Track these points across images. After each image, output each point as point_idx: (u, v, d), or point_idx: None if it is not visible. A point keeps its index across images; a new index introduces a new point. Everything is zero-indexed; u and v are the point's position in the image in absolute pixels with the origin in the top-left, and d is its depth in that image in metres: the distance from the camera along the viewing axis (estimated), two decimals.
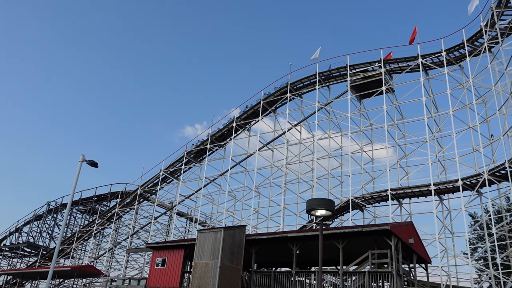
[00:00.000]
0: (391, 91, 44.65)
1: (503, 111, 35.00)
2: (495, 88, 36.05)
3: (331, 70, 46.68)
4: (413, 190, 39.42)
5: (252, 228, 47.43)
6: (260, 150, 49.00)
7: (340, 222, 45.20)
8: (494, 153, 37.64)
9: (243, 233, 26.66)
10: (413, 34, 41.95)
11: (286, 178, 46.08)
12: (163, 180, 56.24)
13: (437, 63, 41.86)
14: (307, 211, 12.23)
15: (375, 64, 44.15)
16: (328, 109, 47.63)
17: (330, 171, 47.23)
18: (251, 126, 52.60)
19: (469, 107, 39.69)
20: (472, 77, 38.42)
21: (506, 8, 34.91)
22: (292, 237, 25.02)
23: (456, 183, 36.23)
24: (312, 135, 48.73)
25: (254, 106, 50.69)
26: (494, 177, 34.44)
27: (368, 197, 41.62)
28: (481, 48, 38.58)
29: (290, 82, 48.22)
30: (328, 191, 46.94)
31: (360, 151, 46.86)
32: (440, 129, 42.98)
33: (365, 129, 47.09)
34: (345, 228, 24.11)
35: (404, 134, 45.41)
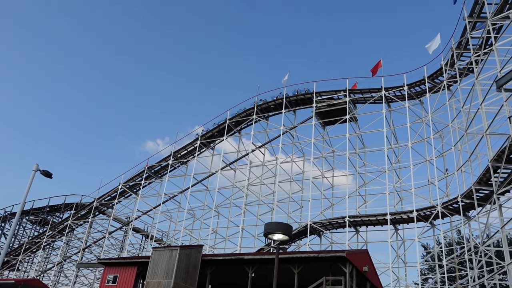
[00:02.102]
0: (354, 120, 45.82)
1: (458, 147, 36.52)
2: (452, 125, 37.66)
3: (297, 95, 47.48)
4: (370, 218, 40.17)
5: (209, 248, 46.83)
6: (222, 170, 48.81)
7: (298, 246, 45.32)
8: (448, 187, 39.04)
9: (199, 253, 26.24)
10: (376, 66, 43.34)
11: (246, 199, 45.98)
12: (121, 194, 54.88)
13: (399, 97, 43.39)
14: (264, 234, 12.21)
15: (340, 93, 45.30)
16: (292, 133, 48.24)
17: (290, 195, 47.55)
18: (215, 145, 52.47)
19: (427, 141, 41.19)
20: (431, 112, 40.05)
21: (465, 50, 36.77)
22: (249, 259, 24.82)
23: (411, 213, 37.22)
24: (275, 158, 49.07)
25: (220, 125, 50.68)
26: (447, 210, 35.62)
27: (326, 223, 42.04)
28: (441, 85, 40.36)
29: (257, 104, 48.65)
30: (288, 215, 47.14)
31: (321, 177, 47.51)
32: (399, 160, 44.29)
33: (327, 155, 47.88)
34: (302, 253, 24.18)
35: (365, 163, 46.51)
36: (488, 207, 31.03)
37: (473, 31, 34.63)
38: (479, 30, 34.54)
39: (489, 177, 28.95)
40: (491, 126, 29.44)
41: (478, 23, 34.32)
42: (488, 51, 31.86)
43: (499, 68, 28.46)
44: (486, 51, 32.37)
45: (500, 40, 31.53)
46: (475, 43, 35.36)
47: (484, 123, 30.24)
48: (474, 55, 34.02)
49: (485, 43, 33.30)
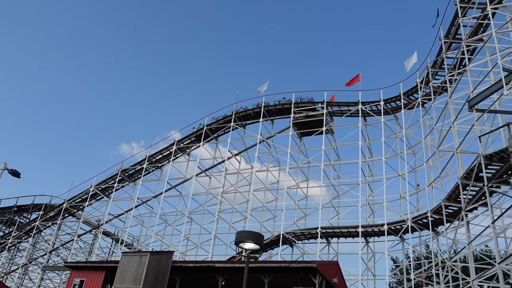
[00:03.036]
0: (331, 132, 46.36)
1: (430, 163, 37.34)
2: (424, 141, 38.51)
3: (276, 105, 47.77)
4: (342, 230, 40.53)
5: (180, 255, 46.31)
6: (197, 176, 48.53)
7: (269, 255, 45.30)
8: (419, 202, 39.83)
9: (170, 259, 25.94)
10: (354, 80, 43.99)
11: (220, 207, 45.80)
12: (93, 197, 53.87)
13: (375, 111, 44.15)
14: (235, 243, 12.18)
15: (318, 105, 45.79)
16: (269, 142, 48.42)
17: (264, 204, 47.57)
18: (191, 151, 52.18)
19: (400, 156, 41.98)
20: (405, 128, 40.90)
21: (440, 69, 37.79)
22: (220, 267, 24.68)
23: (382, 227, 37.75)
24: (251, 166, 49.10)
25: (197, 131, 50.47)
26: (417, 225, 36.28)
27: (299, 233, 42.21)
28: (415, 102, 41.30)
29: (235, 112, 48.69)
30: (261, 224, 47.11)
31: (296, 187, 47.75)
32: (372, 174, 44.93)
33: (303, 166, 48.23)
34: (273, 262, 24.20)
35: (339, 175, 47.01)
36: (456, 223, 31.74)
37: (449, 52, 35.66)
38: (454, 51, 35.60)
39: (458, 194, 29.67)
40: (462, 144, 30.23)
41: (453, 44, 35.38)
42: (462, 72, 32.80)
43: (471, 88, 29.32)
44: (460, 71, 33.34)
45: (473, 62, 32.52)
46: (450, 63, 36.43)
47: (455, 141, 31.04)
48: (449, 74, 35.00)
49: (459, 64, 34.32)
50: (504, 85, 23.85)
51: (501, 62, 25.15)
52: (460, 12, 32.45)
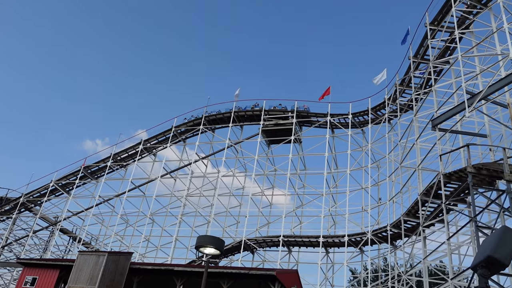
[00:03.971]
0: (299, 141, 46.83)
1: (392, 178, 38.25)
2: (388, 156, 39.46)
3: (246, 111, 47.90)
4: (303, 239, 40.87)
5: (140, 256, 45.50)
6: (162, 177, 47.93)
7: (230, 261, 45.14)
8: (379, 216, 40.69)
9: (128, 260, 25.42)
10: (325, 92, 44.74)
11: (184, 210, 45.34)
12: (52, 192, 52.26)
13: (343, 124, 44.95)
14: (196, 247, 12.09)
15: (288, 113, 46.20)
16: (237, 148, 48.43)
17: (228, 209, 47.45)
18: (157, 151, 51.53)
19: (364, 169, 42.81)
20: (371, 142, 41.81)
21: (407, 88, 38.91)
22: (178, 271, 24.38)
23: (342, 238, 38.33)
24: (217, 171, 48.96)
25: (165, 132, 49.92)
26: (376, 238, 37.03)
27: (260, 240, 42.28)
28: (382, 118, 42.31)
29: (205, 115, 48.48)
30: (224, 229, 46.95)
31: (261, 194, 47.89)
32: (337, 185, 45.61)
33: (269, 173, 48.45)
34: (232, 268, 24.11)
35: (304, 185, 47.47)
36: (414, 238, 32.60)
37: (416, 71, 36.79)
38: (421, 71, 36.75)
39: (417, 210, 30.49)
40: (424, 161, 31.16)
41: (421, 64, 36.51)
42: (428, 91, 33.90)
43: (435, 108, 30.30)
44: (426, 91, 34.42)
45: (439, 83, 33.71)
46: (417, 82, 37.56)
47: (417, 158, 31.97)
48: (415, 93, 36.06)
49: (426, 84, 35.42)
50: (466, 107, 24.76)
51: (465, 85, 26.11)
52: (430, 34, 33.55)
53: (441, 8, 32.63)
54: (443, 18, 33.00)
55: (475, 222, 20.04)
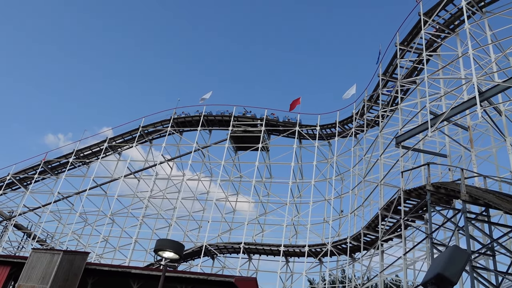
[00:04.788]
0: (266, 150, 47.08)
1: (355, 192, 38.96)
2: (353, 170, 40.19)
3: (216, 116, 47.77)
4: (264, 247, 40.95)
5: (96, 257, 44.35)
6: (125, 177, 47.04)
7: (189, 266, 44.65)
8: (340, 228, 41.33)
9: (84, 260, 24.72)
10: (296, 102, 45.23)
11: (145, 211, 44.61)
12: (8, 186, 50.33)
13: (311, 135, 45.53)
14: (154, 250, 11.92)
15: (257, 121, 46.40)
16: (204, 152, 48.18)
17: (191, 213, 47.00)
18: (122, 150, 50.58)
19: (328, 181, 43.43)
20: (336, 155, 42.52)
21: (375, 104, 39.86)
22: (136, 273, 23.88)
23: (303, 248, 38.66)
24: (183, 174, 48.49)
25: (132, 131, 49.12)
26: (336, 249, 37.54)
27: (222, 247, 42.07)
28: (349, 132, 43.13)
29: (173, 117, 48.04)
30: (185, 233, 46.44)
31: (225, 200, 47.72)
32: (301, 195, 46.06)
33: (235, 179, 48.39)
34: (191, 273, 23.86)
35: (269, 193, 47.69)
36: (372, 252, 33.26)
37: (385, 88, 37.75)
38: (389, 89, 37.74)
39: (377, 224, 31.14)
40: (386, 177, 31.93)
41: (389, 82, 37.51)
42: (394, 109, 34.85)
43: (400, 126, 31.18)
44: (392, 108, 35.37)
45: (405, 101, 34.74)
46: (384, 100, 38.54)
47: (380, 173, 32.73)
48: (382, 110, 36.98)
49: (393, 101, 36.39)
50: (429, 127, 25.60)
51: (429, 106, 27.00)
52: (399, 54, 34.55)
53: (411, 29, 33.70)
54: (412, 39, 34.08)
55: (431, 239, 20.63)
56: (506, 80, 23.48)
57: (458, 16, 30.95)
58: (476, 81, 23.71)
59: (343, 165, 43.78)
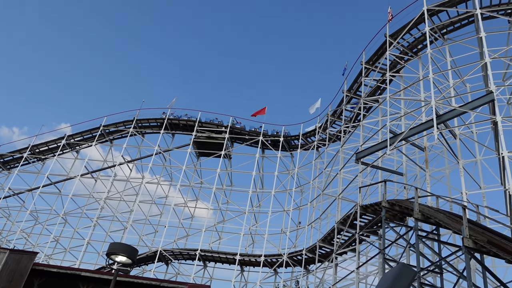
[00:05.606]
0: (228, 157, 47.01)
1: (314, 204, 39.48)
2: (313, 183, 40.74)
3: (180, 120, 47.32)
4: (220, 255, 40.71)
5: (45, 257, 42.71)
6: (82, 176, 45.71)
7: (142, 271, 43.71)
8: (297, 239, 41.64)
9: (31, 260, 23.71)
10: (260, 111, 45.47)
11: (101, 213, 43.40)
12: None
13: (274, 146, 45.85)
14: (107, 254, 11.60)
15: (222, 128, 46.31)
16: (166, 155, 47.56)
17: (148, 217, 46.17)
18: (81, 149, 49.16)
19: (288, 192, 43.80)
20: (298, 167, 42.99)
21: (338, 119, 40.65)
22: (85, 276, 23.14)
23: (259, 258, 38.70)
24: (142, 176, 47.62)
25: (92, 129, 47.87)
26: (292, 260, 37.81)
27: (177, 253, 41.48)
28: (312, 145, 43.76)
29: (137, 118, 47.19)
30: (140, 237, 45.53)
31: (184, 205, 47.18)
32: (260, 205, 46.18)
33: (195, 185, 47.98)
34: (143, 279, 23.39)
35: (228, 201, 47.55)
36: (326, 264, 33.70)
37: (348, 105, 38.59)
38: (353, 105, 38.63)
39: (333, 237, 31.63)
40: (344, 191, 32.54)
41: (353, 98, 38.40)
42: (356, 125, 35.65)
43: (361, 142, 31.91)
44: (355, 124, 36.19)
45: (367, 119, 35.60)
46: (347, 116, 39.37)
47: (339, 188, 33.32)
48: (344, 125, 37.74)
49: (355, 118, 37.26)
50: (388, 145, 26.36)
51: (389, 125, 27.83)
52: (364, 72, 35.49)
53: (377, 49, 34.73)
54: (378, 59, 35.11)
55: (383, 255, 21.14)
56: (462, 106, 24.56)
57: (421, 41, 32.17)
58: (435, 104, 24.66)
59: (303, 177, 44.34)
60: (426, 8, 29.73)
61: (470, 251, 14.47)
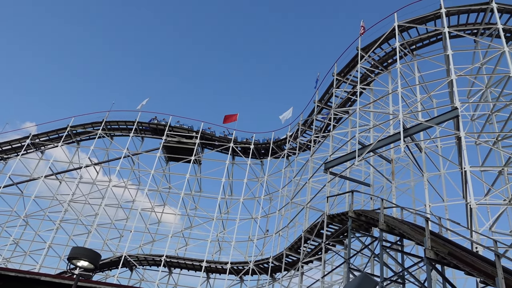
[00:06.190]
0: (198, 163, 46.70)
1: (282, 212, 39.64)
2: (281, 191, 40.95)
3: (151, 124, 46.72)
4: (186, 262, 40.24)
5: (3, 260, 41.15)
6: (46, 177, 44.40)
7: (105, 277, 42.69)
8: (264, 247, 41.67)
9: None
10: (231, 117, 45.43)
11: (64, 216, 42.22)
12: None
13: (244, 153, 45.88)
14: (68, 258, 11.29)
15: (193, 133, 45.98)
16: (134, 159, 46.80)
17: (113, 221, 45.23)
18: (46, 149, 47.79)
19: (257, 200, 43.85)
20: (267, 175, 43.16)
21: (308, 129, 41.09)
22: (45, 281, 22.38)
23: (225, 265, 38.47)
24: (109, 180, 46.70)
25: (59, 130, 46.65)
26: (258, 268, 37.75)
27: (142, 258, 40.73)
28: (282, 153, 44.02)
29: (106, 120, 46.26)
30: (105, 241, 44.52)
31: (151, 210, 46.50)
32: (228, 211, 46.01)
33: (163, 190, 47.36)
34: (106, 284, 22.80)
35: (196, 207, 47.17)
36: (292, 273, 33.82)
37: (319, 115, 39.07)
38: (323, 116, 39.12)
39: (299, 246, 31.78)
40: (312, 201, 32.83)
41: (324, 109, 38.91)
42: (326, 136, 36.10)
43: (330, 152, 32.34)
44: (325, 135, 36.63)
45: (337, 129, 36.14)
46: (318, 126, 39.85)
47: (307, 197, 33.60)
48: (314, 135, 38.17)
49: (325, 128, 37.71)
50: (357, 156, 26.82)
51: (358, 136, 28.34)
52: (335, 84, 36.05)
53: (348, 62, 35.37)
54: (349, 71, 35.75)
55: (348, 264, 21.42)
56: (429, 120, 25.30)
57: (391, 55, 33.00)
58: (402, 118, 25.28)
59: (272, 185, 44.52)
60: (397, 24, 30.55)
61: (431, 262, 14.82)
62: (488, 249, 15.52)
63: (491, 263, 15.15)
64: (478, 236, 19.14)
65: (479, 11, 29.05)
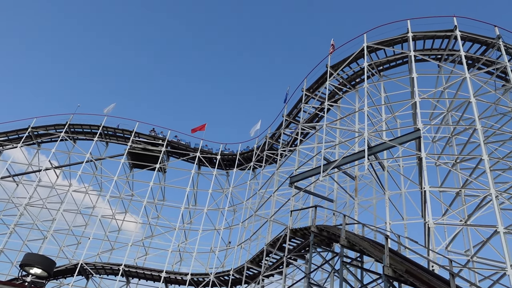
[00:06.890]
0: (163, 171, 46.03)
1: (245, 225, 39.51)
2: (246, 203, 40.87)
3: (116, 129, 45.80)
4: (145, 272, 39.32)
5: None
6: (2, 179, 42.64)
7: (59, 285, 41.12)
8: (225, 259, 41.31)
9: None
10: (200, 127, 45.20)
11: (19, 220, 40.55)
12: None
13: (210, 163, 45.61)
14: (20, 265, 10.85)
15: (159, 140, 45.36)
16: (97, 164, 45.65)
17: (71, 227, 43.77)
18: (4, 149, 45.95)
19: (221, 211, 43.56)
20: (232, 186, 42.99)
21: (276, 142, 41.34)
22: None
23: (185, 276, 37.89)
24: (69, 184, 45.33)
25: (19, 130, 45.04)
26: (218, 281, 37.36)
27: (99, 267, 39.53)
28: (248, 165, 44.01)
29: (70, 123, 45.05)
30: (61, 248, 42.93)
31: (111, 217, 45.35)
32: (191, 222, 45.47)
33: (125, 197, 46.31)
34: None
35: (159, 215, 46.37)
36: (253, 286, 33.64)
37: (287, 129, 39.41)
38: (291, 130, 39.49)
39: (261, 259, 31.74)
40: (276, 214, 32.91)
41: (292, 123, 39.29)
42: (292, 150, 36.41)
43: (296, 166, 32.62)
44: (291, 149, 36.93)
45: (303, 144, 36.54)
46: (285, 139, 40.17)
47: (272, 210, 33.67)
48: (281, 149, 38.44)
49: (292, 142, 38.04)
50: (321, 172, 27.15)
51: (324, 152, 28.74)
52: (304, 99, 36.52)
53: (318, 78, 35.95)
54: (318, 87, 36.31)
55: (309, 279, 21.50)
56: (392, 140, 25.98)
57: (359, 75, 33.80)
58: (367, 136, 25.85)
59: (237, 197, 44.36)
60: (366, 44, 31.38)
61: (389, 279, 15.08)
62: (443, 268, 15.95)
63: (446, 282, 15.59)
64: (434, 255, 19.68)
65: (443, 37, 30.29)
